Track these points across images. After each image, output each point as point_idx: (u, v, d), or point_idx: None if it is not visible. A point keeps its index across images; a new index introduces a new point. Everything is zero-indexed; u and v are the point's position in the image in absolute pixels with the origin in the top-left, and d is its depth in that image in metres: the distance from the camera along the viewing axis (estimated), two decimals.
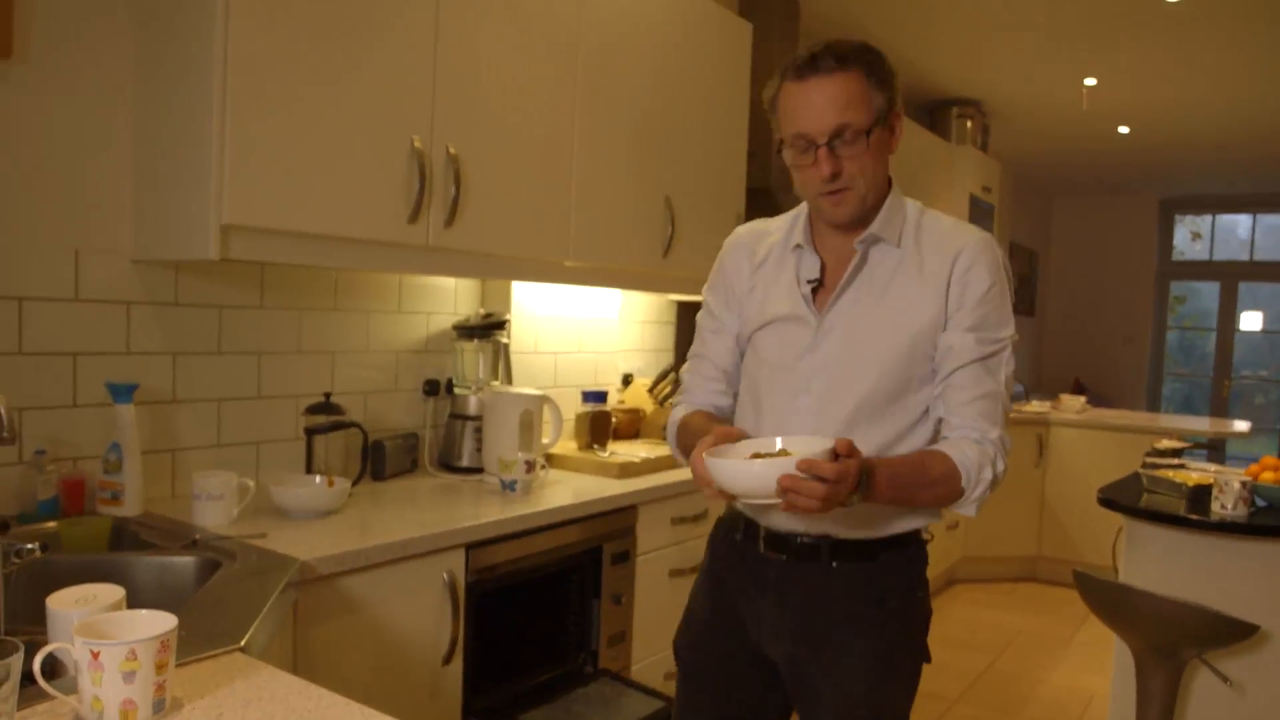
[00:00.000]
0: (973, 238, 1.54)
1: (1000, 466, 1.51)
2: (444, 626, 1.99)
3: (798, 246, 1.61)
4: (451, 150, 2.23)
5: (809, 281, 1.58)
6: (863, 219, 1.54)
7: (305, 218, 1.96)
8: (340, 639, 1.80)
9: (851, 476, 1.29)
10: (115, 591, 1.22)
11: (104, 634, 1.02)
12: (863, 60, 1.46)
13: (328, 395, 2.32)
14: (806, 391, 1.55)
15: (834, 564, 1.55)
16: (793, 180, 1.55)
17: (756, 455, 1.38)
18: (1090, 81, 5.37)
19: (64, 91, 1.92)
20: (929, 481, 1.46)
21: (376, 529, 1.99)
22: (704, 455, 1.36)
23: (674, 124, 3.02)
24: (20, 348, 1.89)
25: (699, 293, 1.83)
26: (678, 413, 1.74)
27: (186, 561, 1.70)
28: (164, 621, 1.04)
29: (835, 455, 1.29)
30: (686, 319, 3.79)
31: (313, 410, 2.29)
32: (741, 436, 1.49)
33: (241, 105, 1.83)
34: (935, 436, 1.56)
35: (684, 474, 2.70)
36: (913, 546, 1.61)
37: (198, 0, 1.83)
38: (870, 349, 1.52)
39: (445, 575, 1.98)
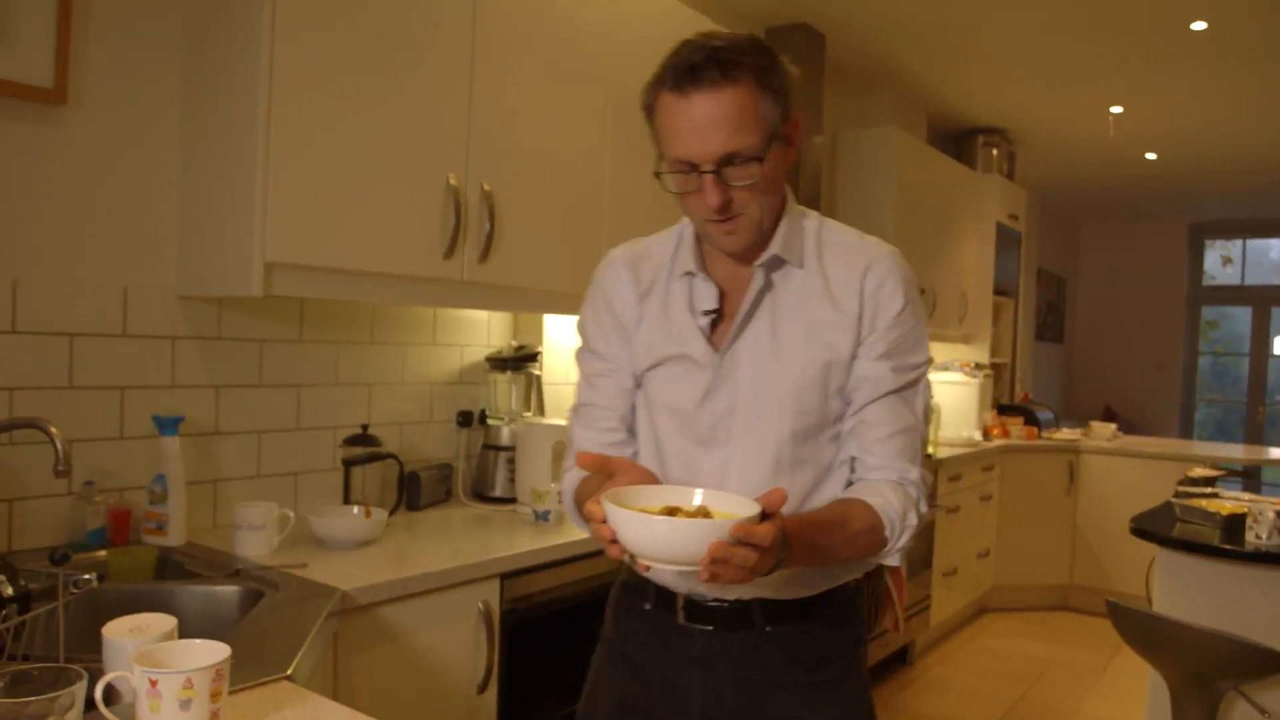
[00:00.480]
0: (881, 251, 1.37)
1: (923, 509, 1.35)
2: (480, 655, 2.02)
3: (688, 273, 1.40)
4: (486, 187, 2.29)
5: (706, 313, 1.38)
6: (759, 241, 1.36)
7: (345, 254, 2.02)
8: (379, 667, 1.83)
9: (779, 540, 1.09)
10: (168, 621, 1.26)
11: (160, 663, 1.06)
12: (753, 67, 1.23)
13: (365, 427, 2.37)
14: (714, 440, 1.35)
15: (768, 628, 1.36)
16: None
17: (670, 510, 1.11)
18: (1116, 109, 5.39)
19: (114, 135, 1.99)
20: (850, 537, 1.28)
21: (413, 559, 2.03)
22: (604, 501, 1.07)
23: None
24: (71, 382, 1.95)
25: None
26: (571, 478, 1.45)
27: (231, 591, 1.75)
28: (218, 651, 1.08)
29: (764, 515, 1.07)
30: None
31: (350, 442, 2.34)
32: (652, 480, 1.22)
33: (284, 147, 1.89)
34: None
35: None
36: (850, 601, 1.45)
37: (244, 50, 1.90)
38: (782, 387, 1.33)
39: (480, 605, 2.01)
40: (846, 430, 1.36)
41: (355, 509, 2.19)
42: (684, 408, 1.38)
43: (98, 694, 1.01)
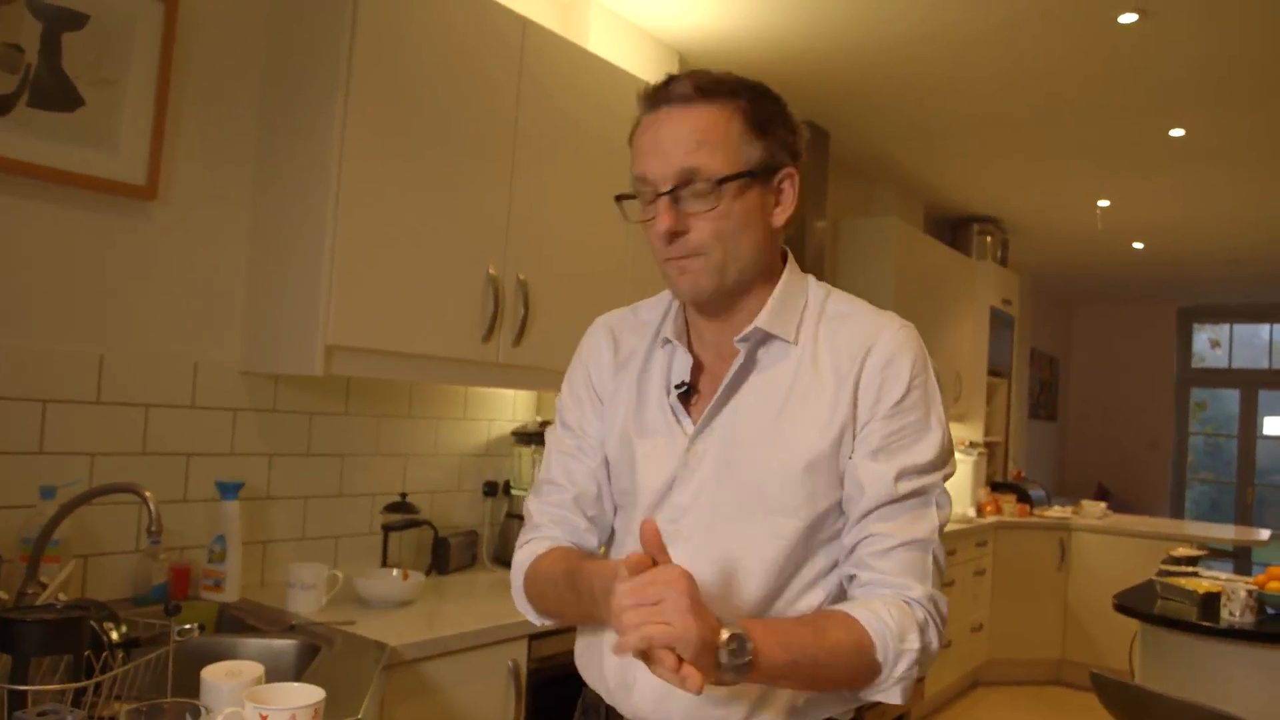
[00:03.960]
0: (889, 327, 1.19)
1: (933, 635, 1.09)
2: (509, 710, 2.18)
3: (666, 341, 1.27)
4: (521, 277, 2.51)
5: (677, 386, 1.23)
6: (738, 304, 1.21)
7: (396, 338, 2.23)
8: (418, 717, 1.99)
9: (684, 579, 0.93)
10: (256, 667, 1.44)
11: (264, 701, 1.24)
12: (736, 93, 1.14)
13: (404, 495, 2.56)
14: (675, 537, 1.15)
15: None
16: None
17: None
18: (1104, 203, 5.67)
19: (192, 226, 2.22)
20: (831, 647, 1.04)
21: (445, 619, 2.20)
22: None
23: None
24: (144, 448, 2.14)
25: None
26: (524, 555, 1.31)
27: (288, 644, 1.92)
28: (314, 693, 1.26)
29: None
30: None
31: (390, 509, 2.52)
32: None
33: (348, 240, 2.12)
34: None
35: None
36: None
37: (315, 153, 2.14)
38: (753, 484, 1.15)
39: (510, 663, 2.18)
40: (844, 546, 1.16)
41: (394, 571, 2.36)
42: (641, 493, 1.22)
43: None
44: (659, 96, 1.15)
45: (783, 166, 1.18)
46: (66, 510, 1.74)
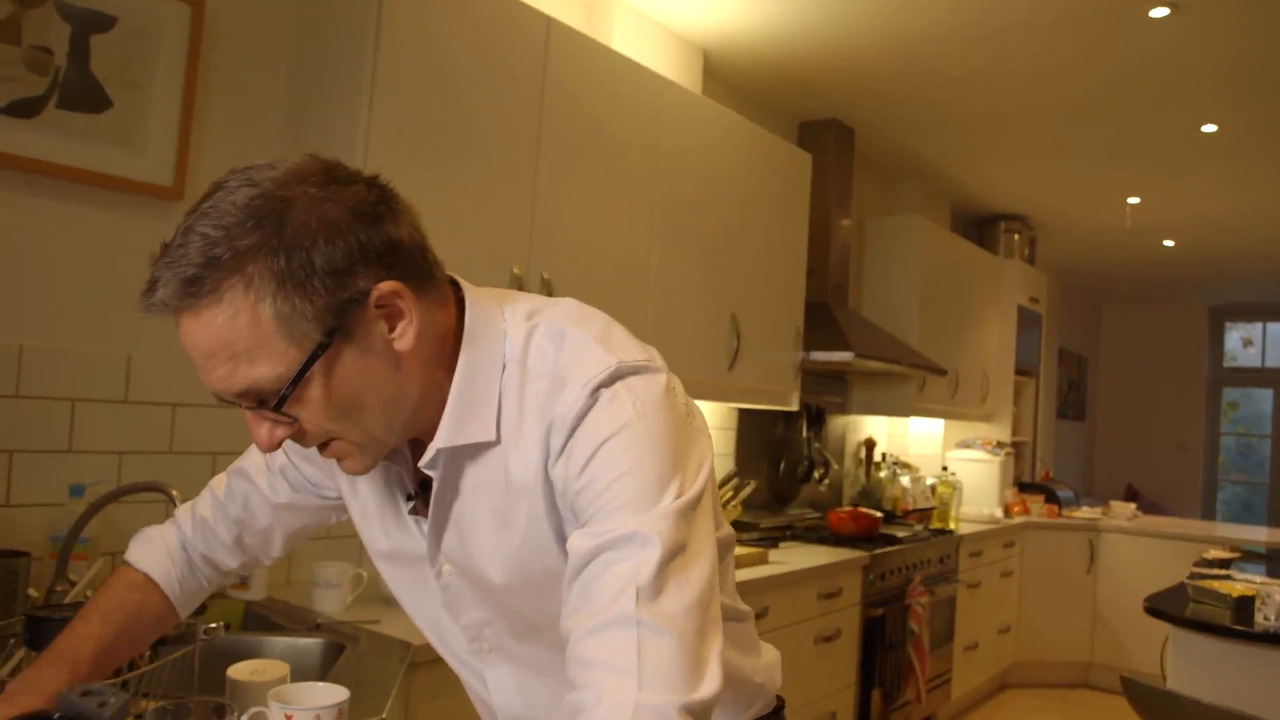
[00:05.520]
0: (568, 394, 0.89)
1: None
2: None
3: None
4: (545, 276, 2.51)
5: (409, 498, 1.04)
6: (427, 421, 0.95)
7: None
8: (442, 716, 1.99)
9: None
10: (282, 666, 1.44)
11: (289, 701, 1.24)
12: (239, 263, 0.80)
13: None
14: (478, 639, 1.09)
15: None
16: None
17: None
18: (1133, 200, 5.60)
19: None
20: None
21: None
22: None
23: (741, 247, 3.30)
24: (170, 447, 2.16)
25: (761, 401, 1.96)
26: (157, 538, 1.23)
27: (314, 642, 1.92)
28: (338, 693, 1.26)
29: None
30: (747, 426, 4.01)
31: None
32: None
33: None
34: None
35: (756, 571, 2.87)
36: None
37: (339, 155, 2.14)
38: (508, 598, 1.00)
39: None
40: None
41: None
42: (424, 608, 1.12)
43: None
44: (147, 307, 0.83)
45: (362, 298, 0.84)
46: (95, 508, 1.76)
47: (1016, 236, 6.23)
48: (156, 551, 1.22)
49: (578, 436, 0.87)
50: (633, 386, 0.88)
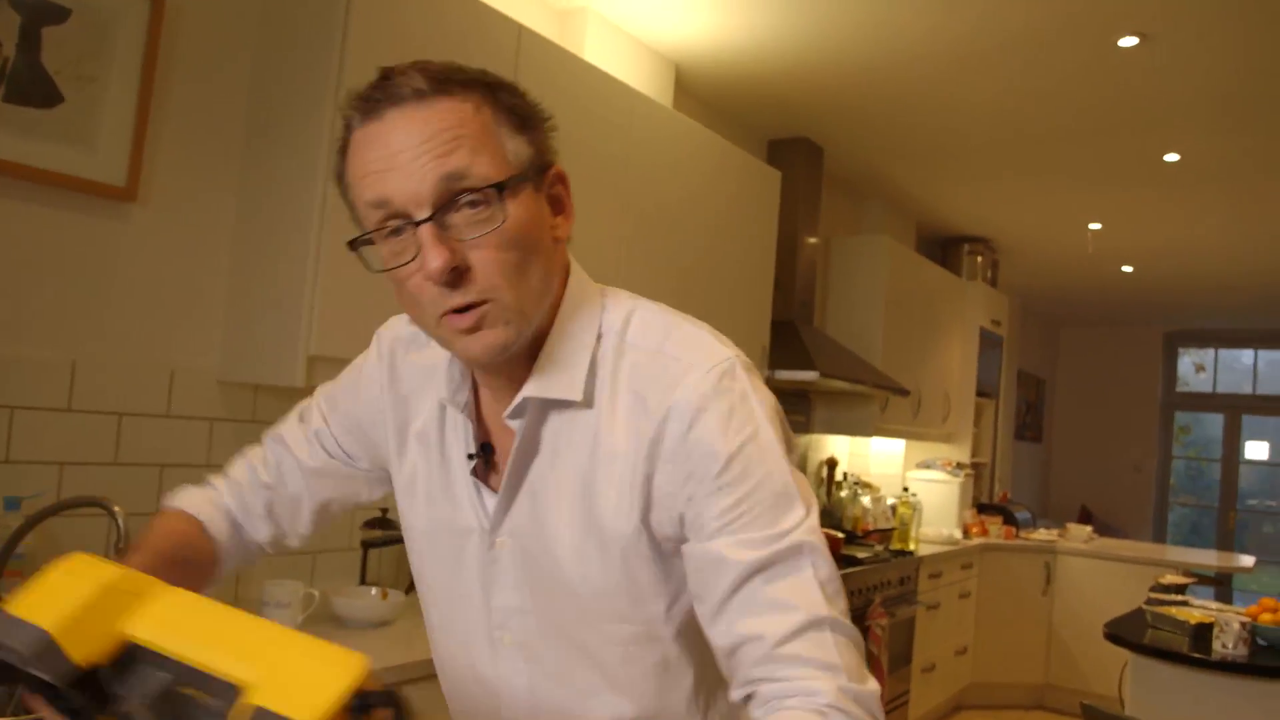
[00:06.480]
0: (690, 376, 0.88)
1: None
2: None
3: (444, 405, 0.99)
4: None
5: (470, 456, 0.97)
6: (527, 352, 0.91)
7: None
8: None
9: None
10: None
11: None
12: (475, 83, 0.85)
13: (385, 511, 2.49)
14: (503, 627, 0.99)
15: None
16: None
17: None
18: (1095, 225, 5.66)
19: (173, 231, 2.15)
20: None
21: (425, 641, 2.12)
22: None
23: (709, 263, 3.27)
24: (116, 458, 2.07)
25: None
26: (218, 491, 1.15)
27: None
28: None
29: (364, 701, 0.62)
30: None
31: (370, 525, 2.45)
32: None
33: (333, 249, 2.05)
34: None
35: None
36: None
37: (302, 160, 2.08)
38: (569, 579, 0.93)
39: None
40: (721, 648, 0.88)
41: (373, 590, 2.29)
42: (453, 582, 1.01)
43: None
44: (382, 96, 0.81)
45: (551, 165, 0.91)
46: (32, 523, 1.68)
47: (980, 259, 6.27)
48: (197, 499, 1.14)
49: (704, 427, 0.87)
50: (756, 386, 0.92)
